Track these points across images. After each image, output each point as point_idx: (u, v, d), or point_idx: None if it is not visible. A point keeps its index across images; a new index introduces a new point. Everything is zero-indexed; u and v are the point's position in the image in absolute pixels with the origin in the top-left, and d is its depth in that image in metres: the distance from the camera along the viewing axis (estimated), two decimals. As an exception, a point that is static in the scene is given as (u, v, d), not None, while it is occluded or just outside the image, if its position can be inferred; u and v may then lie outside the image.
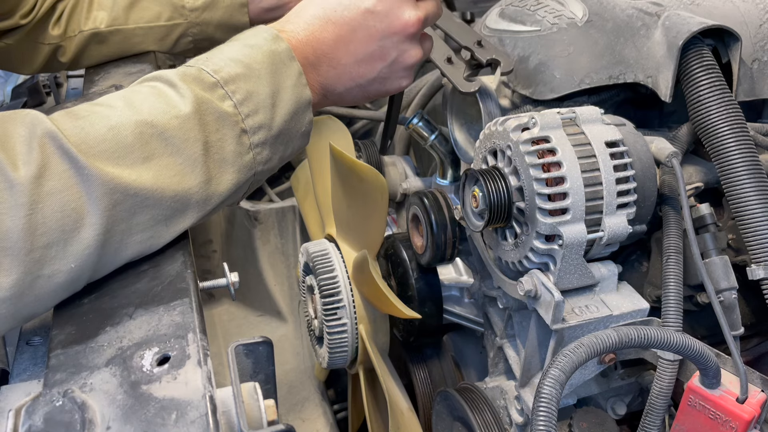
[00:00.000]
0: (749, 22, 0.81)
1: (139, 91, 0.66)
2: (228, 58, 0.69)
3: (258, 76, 0.69)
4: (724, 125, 0.70)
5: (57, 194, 0.55)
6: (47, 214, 0.55)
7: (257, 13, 1.15)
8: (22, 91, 1.49)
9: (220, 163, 0.66)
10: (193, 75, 0.67)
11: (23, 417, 0.49)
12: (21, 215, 0.53)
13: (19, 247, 0.53)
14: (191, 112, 0.64)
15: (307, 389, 1.42)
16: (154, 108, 0.63)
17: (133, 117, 0.61)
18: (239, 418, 0.51)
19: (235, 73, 0.68)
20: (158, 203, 0.62)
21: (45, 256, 0.55)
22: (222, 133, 0.66)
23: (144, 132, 0.61)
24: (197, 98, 0.65)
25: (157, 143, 0.62)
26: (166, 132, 0.62)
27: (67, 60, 1.10)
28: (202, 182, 0.65)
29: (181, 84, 0.65)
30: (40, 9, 1.05)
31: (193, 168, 0.64)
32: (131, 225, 0.61)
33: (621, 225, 0.68)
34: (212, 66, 0.68)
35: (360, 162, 0.92)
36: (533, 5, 0.93)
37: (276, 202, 1.53)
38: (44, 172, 0.55)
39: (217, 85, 0.67)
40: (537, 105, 0.88)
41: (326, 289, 0.99)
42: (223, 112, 0.66)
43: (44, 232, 0.55)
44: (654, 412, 0.69)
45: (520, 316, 0.83)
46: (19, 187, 0.53)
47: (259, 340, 0.60)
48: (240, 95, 0.67)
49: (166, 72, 0.67)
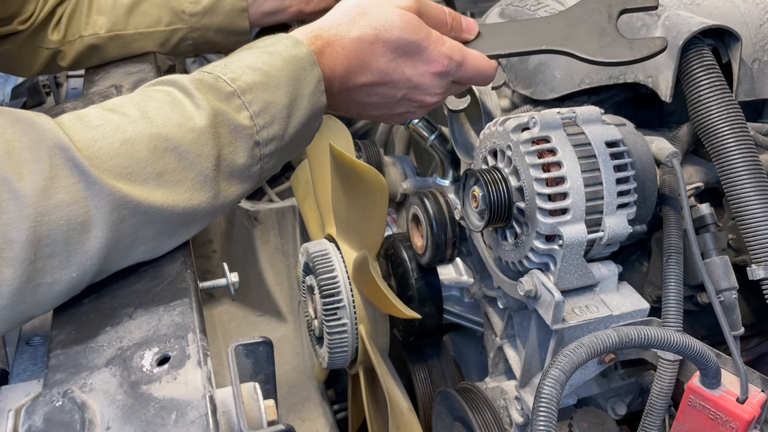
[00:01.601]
0: (749, 22, 0.81)
1: (153, 98, 0.63)
2: (246, 66, 0.67)
3: (277, 85, 0.66)
4: (724, 125, 0.70)
5: (65, 207, 0.53)
6: (53, 227, 0.53)
7: (257, 17, 1.15)
8: (22, 91, 1.49)
9: (230, 176, 0.64)
10: (210, 83, 0.64)
11: (23, 417, 0.49)
12: (25, 227, 0.52)
13: (22, 258, 0.52)
14: (206, 126, 0.61)
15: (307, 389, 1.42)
16: (169, 120, 0.61)
17: (148, 130, 0.59)
18: (239, 418, 0.51)
19: (252, 82, 0.65)
20: (167, 220, 0.60)
21: (47, 266, 0.54)
22: (235, 146, 0.64)
23: (158, 146, 0.59)
24: (213, 110, 0.62)
25: (170, 158, 0.60)
26: (180, 147, 0.60)
27: (67, 64, 1.10)
28: (211, 197, 0.63)
29: (196, 93, 0.63)
30: (39, 14, 1.05)
31: (204, 184, 0.62)
32: (136, 238, 0.59)
33: (621, 225, 0.68)
34: (230, 74, 0.65)
35: (360, 162, 0.92)
36: (533, 5, 0.93)
37: (276, 202, 1.53)
38: (52, 184, 0.53)
39: (233, 95, 0.64)
40: (537, 105, 0.88)
41: (326, 289, 0.99)
42: (238, 125, 0.64)
43: (48, 243, 0.53)
44: (654, 412, 0.69)
45: (520, 316, 0.83)
46: (24, 199, 0.52)
47: (259, 340, 0.60)
48: (257, 106, 0.65)
49: (182, 77, 0.65)
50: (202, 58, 1.59)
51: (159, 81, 0.66)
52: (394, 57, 0.72)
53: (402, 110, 0.78)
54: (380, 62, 0.72)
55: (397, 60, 0.72)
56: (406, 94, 0.75)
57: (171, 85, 0.64)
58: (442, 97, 0.78)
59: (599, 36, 0.74)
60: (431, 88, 0.75)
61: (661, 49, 0.72)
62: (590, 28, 0.75)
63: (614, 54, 0.73)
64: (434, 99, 0.76)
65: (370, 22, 0.71)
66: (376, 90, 0.74)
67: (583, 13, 0.77)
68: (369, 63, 0.72)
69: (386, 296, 0.89)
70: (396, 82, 0.74)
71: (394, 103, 0.77)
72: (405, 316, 0.89)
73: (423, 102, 0.76)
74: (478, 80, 0.79)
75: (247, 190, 0.68)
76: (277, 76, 0.67)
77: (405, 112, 0.79)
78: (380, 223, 0.97)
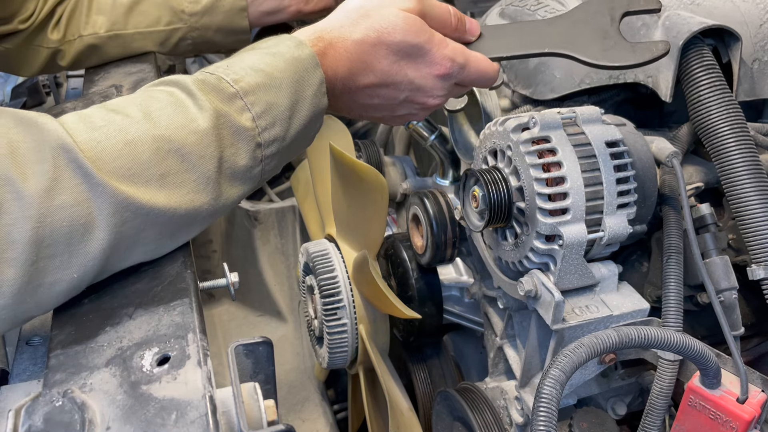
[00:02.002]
0: (749, 22, 0.81)
1: (156, 98, 0.63)
2: (249, 67, 0.66)
3: (279, 87, 0.66)
4: (724, 125, 0.70)
5: (68, 208, 0.54)
6: (55, 228, 0.53)
7: (257, 16, 1.15)
8: (22, 90, 1.49)
9: (231, 178, 0.64)
10: (213, 84, 0.64)
11: (23, 417, 0.49)
12: (28, 228, 0.52)
13: (24, 258, 0.52)
14: (209, 128, 0.61)
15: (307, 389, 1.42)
16: (171, 121, 0.61)
17: (151, 131, 0.59)
18: (239, 418, 0.51)
19: (255, 83, 0.65)
20: (169, 221, 0.60)
21: (48, 266, 0.54)
22: (237, 147, 0.64)
23: (161, 148, 0.59)
24: (216, 111, 0.62)
25: (173, 160, 0.60)
26: (183, 148, 0.60)
27: (67, 64, 1.10)
28: (212, 199, 0.63)
29: (199, 94, 0.63)
30: (39, 14, 1.05)
31: (206, 185, 0.62)
32: (138, 239, 0.59)
33: (621, 225, 0.68)
34: (233, 75, 0.65)
35: (360, 162, 0.92)
36: (533, 5, 0.93)
37: (276, 202, 1.53)
38: (55, 185, 0.53)
39: (236, 96, 0.64)
40: (537, 105, 0.88)
41: (326, 289, 0.99)
42: (240, 127, 0.64)
43: (50, 244, 0.53)
44: (654, 412, 0.69)
45: (520, 316, 0.83)
46: (28, 199, 0.52)
47: (259, 340, 0.60)
48: (259, 107, 0.65)
49: (184, 78, 0.65)
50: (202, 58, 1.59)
51: (162, 81, 0.66)
52: (397, 59, 0.72)
53: (404, 112, 0.78)
54: (383, 64, 0.72)
55: (399, 62, 0.72)
56: (408, 96, 0.75)
57: (174, 86, 0.64)
58: (444, 99, 0.78)
59: (602, 39, 0.74)
60: (434, 90, 0.75)
61: (664, 53, 0.72)
62: (593, 31, 0.75)
63: (617, 58, 0.73)
64: (436, 101, 0.77)
65: (372, 24, 0.71)
66: (378, 92, 0.74)
67: (585, 16, 0.77)
68: (371, 65, 0.72)
69: (386, 296, 0.89)
70: (398, 84, 0.74)
71: (396, 105, 0.77)
72: (405, 316, 0.89)
73: (425, 104, 0.77)
74: (480, 83, 0.79)
75: (247, 191, 0.68)
76: (279, 78, 0.67)
77: (407, 114, 0.79)
78: (380, 223, 0.97)
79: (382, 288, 0.90)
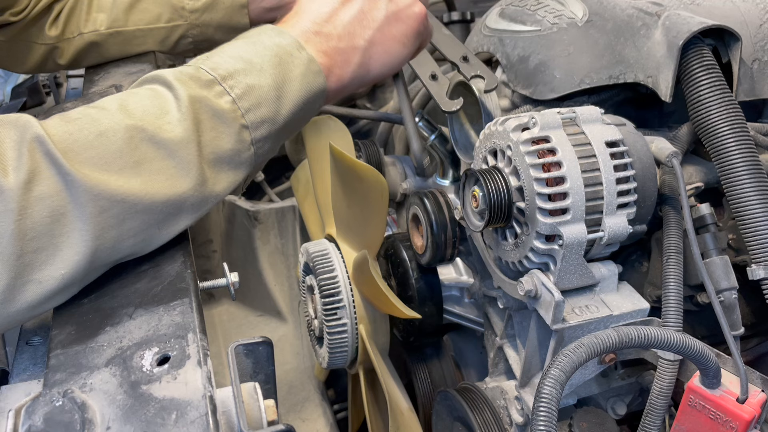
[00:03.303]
0: (749, 22, 0.81)
1: (136, 93, 0.64)
2: (228, 56, 0.68)
3: (260, 69, 0.67)
4: (724, 125, 0.70)
5: (47, 199, 0.55)
6: (36, 220, 0.54)
7: (258, 13, 1.15)
8: (22, 90, 1.49)
9: (216, 162, 0.65)
10: (190, 74, 0.66)
11: (23, 417, 0.49)
12: (11, 220, 0.53)
13: (9, 252, 0.53)
14: (185, 113, 0.62)
15: (307, 389, 1.42)
16: (146, 112, 0.62)
17: (124, 121, 0.60)
18: (239, 418, 0.51)
19: (234, 69, 0.66)
20: (149, 209, 0.61)
21: (35, 261, 0.55)
22: (218, 131, 0.64)
23: (134, 137, 0.60)
24: (192, 97, 0.63)
25: (147, 147, 0.60)
26: (157, 136, 0.61)
27: (65, 62, 1.09)
28: (196, 185, 0.63)
29: (176, 84, 0.64)
30: (33, 8, 1.04)
31: (188, 171, 0.62)
32: (122, 231, 0.60)
33: (621, 225, 0.68)
34: (210, 64, 0.67)
35: (360, 162, 0.92)
36: (533, 5, 0.93)
37: (276, 202, 1.53)
38: (33, 177, 0.55)
39: (213, 82, 0.65)
40: (537, 105, 0.88)
41: (326, 289, 0.99)
42: (218, 110, 0.64)
43: (34, 236, 0.54)
44: (654, 412, 0.69)
45: (520, 316, 0.83)
46: (8, 193, 0.53)
47: (259, 340, 0.60)
48: (239, 89, 0.66)
49: (164, 72, 0.66)
50: (202, 58, 1.58)
51: (144, 79, 0.68)
52: None
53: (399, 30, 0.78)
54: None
55: None
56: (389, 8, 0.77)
57: (155, 82, 0.66)
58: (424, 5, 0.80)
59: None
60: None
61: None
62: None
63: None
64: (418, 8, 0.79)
65: None
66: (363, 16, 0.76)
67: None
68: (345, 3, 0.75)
69: (386, 296, 0.89)
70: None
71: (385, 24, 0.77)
72: (405, 316, 0.89)
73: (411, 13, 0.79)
74: None
75: (241, 176, 0.68)
76: (259, 62, 0.68)
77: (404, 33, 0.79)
78: (380, 223, 0.97)
79: (382, 288, 0.90)
